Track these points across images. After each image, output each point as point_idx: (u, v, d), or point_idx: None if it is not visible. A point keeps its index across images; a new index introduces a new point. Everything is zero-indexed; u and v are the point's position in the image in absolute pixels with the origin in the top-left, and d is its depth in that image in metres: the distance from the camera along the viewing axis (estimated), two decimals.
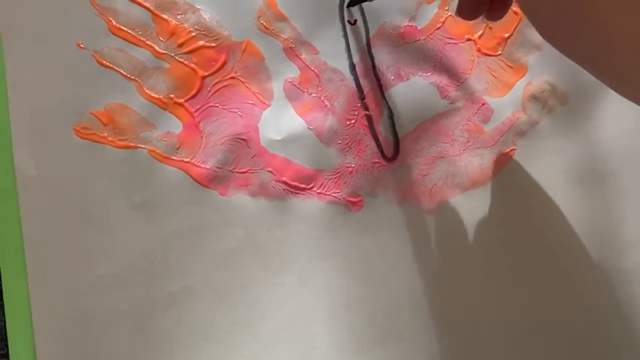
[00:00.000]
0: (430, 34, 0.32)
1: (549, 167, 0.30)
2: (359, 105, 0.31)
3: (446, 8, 0.32)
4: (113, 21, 0.30)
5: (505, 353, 0.29)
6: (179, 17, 0.31)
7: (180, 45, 0.30)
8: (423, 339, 0.29)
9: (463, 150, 0.30)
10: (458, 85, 0.31)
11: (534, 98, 0.31)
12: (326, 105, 0.31)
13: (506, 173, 0.30)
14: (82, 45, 0.30)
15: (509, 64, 0.31)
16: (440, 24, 0.32)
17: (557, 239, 0.30)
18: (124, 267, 0.28)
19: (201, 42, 0.31)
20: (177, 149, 0.29)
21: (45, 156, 0.29)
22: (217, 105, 0.30)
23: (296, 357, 0.28)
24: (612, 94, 0.31)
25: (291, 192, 0.30)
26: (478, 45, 0.32)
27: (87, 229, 0.28)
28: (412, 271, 0.29)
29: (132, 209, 0.28)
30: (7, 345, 0.27)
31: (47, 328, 0.27)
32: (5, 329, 0.27)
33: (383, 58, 0.31)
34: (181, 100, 0.30)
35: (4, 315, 0.28)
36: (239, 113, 0.30)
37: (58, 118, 0.29)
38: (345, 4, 0.31)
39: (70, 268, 0.28)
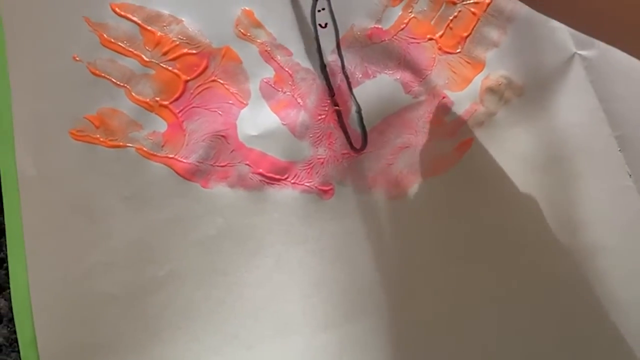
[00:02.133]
0: (395, 35, 0.34)
1: (506, 154, 0.32)
2: (329, 101, 0.33)
3: (409, 10, 0.34)
4: (104, 35, 0.33)
5: (464, 326, 0.31)
6: (164, 28, 0.34)
7: (165, 54, 0.33)
8: (389, 315, 0.31)
9: (425, 140, 0.33)
10: (421, 81, 0.33)
11: (491, 90, 0.33)
12: (299, 102, 0.33)
13: (465, 160, 0.32)
14: (77, 58, 0.33)
15: (467, 60, 0.34)
16: (404, 25, 0.34)
17: (515, 221, 0.32)
18: (115, 255, 0.31)
19: (184, 50, 0.33)
20: (162, 146, 0.32)
21: (44, 156, 0.32)
22: (199, 105, 0.33)
23: (271, 333, 0.30)
24: (566, 86, 0.33)
25: (267, 182, 0.32)
26: (439, 44, 0.34)
27: (82, 221, 0.31)
28: (378, 253, 0.31)
29: (122, 201, 0.31)
30: (14, 325, 0.30)
31: (46, 311, 0.30)
32: (12, 311, 0.30)
33: (352, 58, 0.34)
34: (166, 103, 0.33)
35: (10, 299, 0.31)
36: (219, 112, 0.33)
37: (56, 123, 0.32)
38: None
39: (66, 256, 0.30)
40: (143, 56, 0.33)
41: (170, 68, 0.33)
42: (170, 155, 0.32)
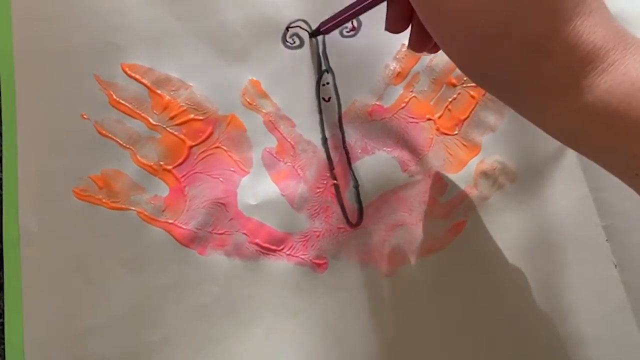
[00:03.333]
0: (395, 113, 0.35)
1: (497, 238, 0.33)
2: (328, 175, 0.34)
3: (410, 90, 0.36)
4: (113, 95, 0.34)
5: None
6: (172, 92, 0.35)
7: (172, 118, 0.34)
8: None
9: (420, 219, 0.34)
10: (417, 160, 0.34)
11: (485, 175, 0.34)
12: (299, 174, 0.34)
13: (458, 242, 0.33)
14: (85, 116, 0.34)
15: (464, 143, 0.35)
16: (404, 104, 0.35)
17: (505, 305, 0.33)
18: (112, 318, 0.31)
19: (191, 116, 0.34)
20: (163, 211, 0.33)
21: (47, 214, 0.32)
22: (201, 171, 0.34)
23: None
24: (558, 173, 0.34)
25: (263, 253, 0.33)
26: (437, 125, 0.35)
27: (80, 281, 0.31)
28: (369, 329, 0.32)
29: (120, 265, 0.32)
30: None
31: None
32: None
33: (352, 133, 0.35)
34: (169, 167, 0.34)
35: (4, 355, 0.31)
36: (221, 179, 0.34)
37: (60, 181, 0.33)
38: (310, 34, 0.36)
39: (62, 316, 0.31)
40: (150, 119, 0.34)
41: (176, 133, 0.34)
42: (170, 221, 0.33)
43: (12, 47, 0.35)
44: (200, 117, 0.34)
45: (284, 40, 0.36)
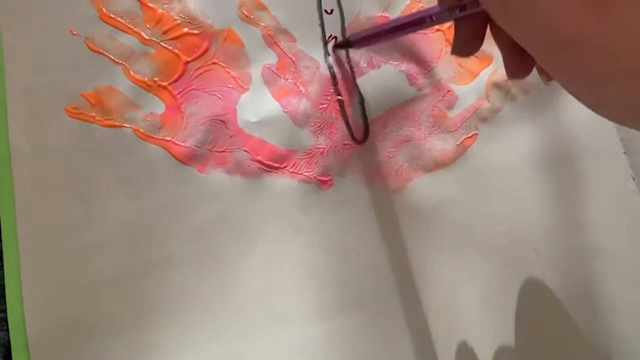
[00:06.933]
0: None
1: (509, 151, 0.32)
2: (332, 90, 0.33)
3: (418, 0, 0.34)
4: (104, 9, 0.32)
5: (461, 324, 0.31)
6: (165, 6, 0.33)
7: (166, 32, 0.32)
8: (384, 309, 0.31)
9: (428, 134, 0.32)
10: (426, 73, 0.33)
11: (497, 86, 0.33)
12: (301, 90, 0.33)
13: (468, 156, 0.32)
14: (74, 32, 0.32)
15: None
16: None
17: (515, 218, 0.31)
18: (109, 236, 0.30)
19: (185, 30, 0.33)
20: (160, 128, 0.31)
21: (39, 133, 0.31)
22: (198, 88, 0.32)
23: (266, 323, 0.30)
24: None
25: (265, 170, 0.32)
26: (446, 36, 0.33)
27: (75, 201, 0.30)
28: (376, 246, 0.31)
29: (117, 183, 0.30)
30: (5, 303, 0.30)
31: (36, 288, 0.29)
32: (4, 287, 0.30)
33: None
34: (165, 83, 0.32)
35: (3, 276, 0.30)
36: (219, 96, 0.32)
37: (51, 99, 0.31)
38: (332, 46, 0.33)
39: (58, 236, 0.30)
40: (143, 34, 0.32)
41: (170, 48, 0.32)
42: (168, 138, 0.31)
43: None
44: (195, 32, 0.33)
45: None
